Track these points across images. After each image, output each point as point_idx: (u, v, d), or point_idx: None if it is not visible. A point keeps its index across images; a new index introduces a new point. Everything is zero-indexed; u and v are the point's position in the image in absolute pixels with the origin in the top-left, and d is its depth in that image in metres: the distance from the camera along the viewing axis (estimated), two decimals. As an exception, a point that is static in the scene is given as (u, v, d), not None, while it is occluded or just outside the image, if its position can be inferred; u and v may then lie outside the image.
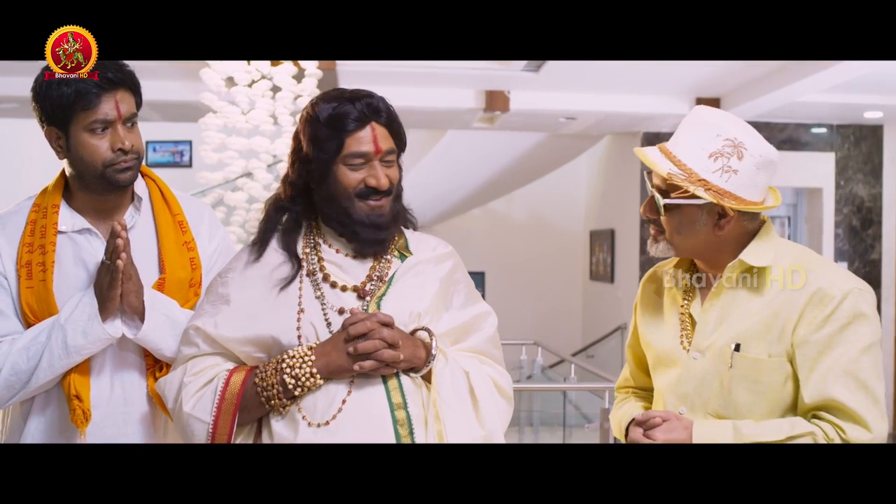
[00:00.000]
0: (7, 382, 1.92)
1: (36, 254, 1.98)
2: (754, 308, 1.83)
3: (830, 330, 1.75)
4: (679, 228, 1.85)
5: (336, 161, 1.79)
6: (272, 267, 1.84)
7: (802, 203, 9.02)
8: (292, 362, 1.73)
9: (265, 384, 1.74)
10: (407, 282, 1.86)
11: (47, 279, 1.96)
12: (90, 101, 1.91)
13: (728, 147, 1.79)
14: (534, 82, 7.09)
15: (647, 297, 2.08)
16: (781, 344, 1.79)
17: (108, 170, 1.96)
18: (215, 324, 1.80)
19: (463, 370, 1.82)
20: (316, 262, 1.85)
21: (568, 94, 7.51)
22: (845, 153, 8.59)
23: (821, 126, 8.52)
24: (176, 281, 2.04)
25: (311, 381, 1.72)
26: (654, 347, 2.00)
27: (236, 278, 1.86)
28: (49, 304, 1.95)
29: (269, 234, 1.88)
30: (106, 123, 1.94)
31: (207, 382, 1.78)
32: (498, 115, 7.71)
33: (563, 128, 8.64)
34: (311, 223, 1.90)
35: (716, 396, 1.85)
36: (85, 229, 2.03)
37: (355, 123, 1.78)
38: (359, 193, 1.80)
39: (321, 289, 1.82)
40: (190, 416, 1.77)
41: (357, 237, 1.83)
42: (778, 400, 1.80)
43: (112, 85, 1.93)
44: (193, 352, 1.83)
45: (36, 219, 2.02)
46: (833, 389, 1.73)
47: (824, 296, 1.77)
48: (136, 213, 2.09)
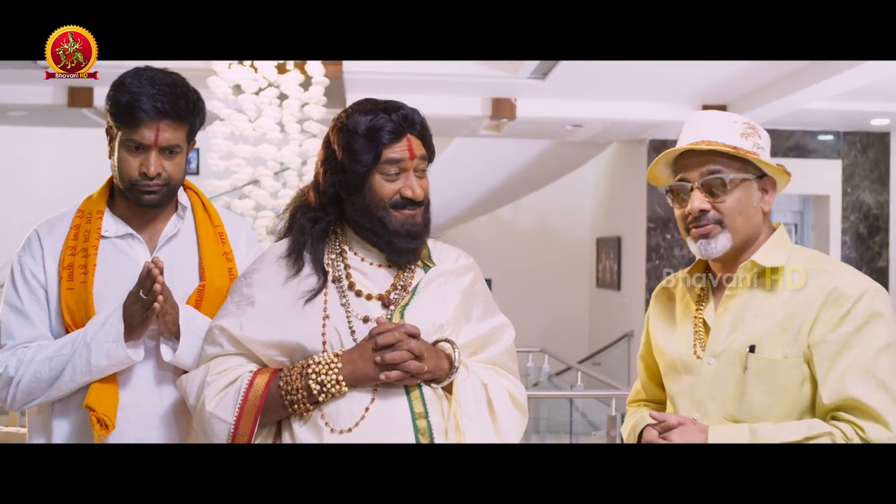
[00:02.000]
0: (27, 388, 1.95)
1: (78, 257, 2.01)
2: (769, 309, 1.83)
3: (847, 329, 1.74)
4: (741, 208, 1.86)
5: (372, 172, 1.81)
6: (301, 277, 1.85)
7: (809, 210, 9.01)
8: (318, 368, 1.74)
9: (290, 388, 1.74)
10: (430, 293, 1.87)
11: (88, 282, 1.99)
12: (134, 121, 1.94)
13: (748, 128, 1.87)
14: (540, 90, 7.09)
15: (660, 307, 2.08)
16: (798, 345, 1.78)
17: (132, 188, 2.00)
18: (240, 325, 1.81)
19: (482, 382, 1.84)
20: (342, 270, 1.86)
21: (574, 101, 7.52)
22: (852, 160, 8.59)
23: (827, 133, 8.52)
24: (214, 289, 2.06)
25: (336, 388, 1.73)
26: (668, 353, 1.99)
27: (261, 280, 1.87)
28: (87, 307, 1.98)
29: (303, 245, 1.88)
30: (140, 145, 1.97)
31: (231, 383, 1.79)
32: (504, 122, 7.72)
33: (569, 135, 8.65)
34: (337, 230, 1.91)
35: (731, 400, 1.84)
36: (128, 234, 2.06)
37: (391, 135, 1.80)
38: (394, 204, 1.82)
39: (346, 296, 1.83)
40: (212, 416, 1.77)
41: (392, 247, 1.84)
42: (794, 402, 1.79)
43: (159, 114, 1.95)
44: (217, 351, 1.84)
45: (80, 223, 2.06)
46: (852, 388, 1.72)
47: (840, 295, 1.76)
48: (180, 222, 2.13)
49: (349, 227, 1.90)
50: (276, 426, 1.81)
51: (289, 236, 1.93)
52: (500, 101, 7.47)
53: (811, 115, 7.60)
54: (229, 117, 5.82)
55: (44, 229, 2.08)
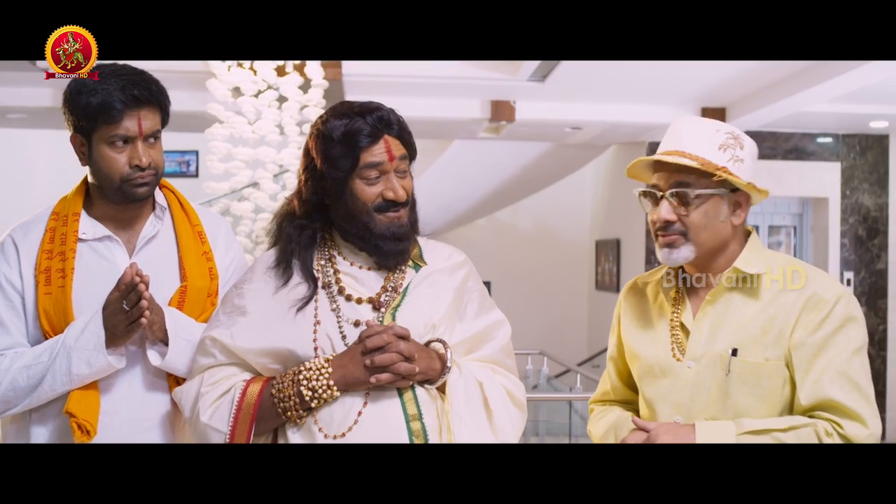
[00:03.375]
0: (4, 398, 1.92)
1: (55, 260, 1.98)
2: (750, 313, 1.86)
3: (825, 333, 1.80)
4: (706, 223, 1.87)
5: (352, 177, 1.81)
6: (291, 286, 1.85)
7: (808, 213, 9.01)
8: (309, 374, 1.74)
9: (282, 395, 1.74)
10: (421, 292, 1.87)
11: (66, 286, 1.96)
12: (113, 115, 1.92)
13: (730, 139, 1.86)
14: (539, 92, 7.09)
15: (632, 310, 2.08)
16: (779, 347, 1.82)
17: (125, 184, 1.98)
18: (232, 335, 1.81)
19: (477, 381, 1.83)
20: (332, 275, 1.86)
21: (573, 104, 7.51)
22: (851, 163, 8.58)
23: (826, 136, 8.52)
24: (196, 290, 2.05)
25: (327, 394, 1.73)
26: (644, 358, 1.99)
27: (253, 290, 1.87)
28: (66, 311, 1.95)
29: (291, 255, 1.88)
30: (126, 138, 1.95)
31: (224, 393, 1.79)
32: (504, 124, 7.72)
33: (568, 138, 8.65)
34: (325, 236, 1.91)
35: (714, 402, 1.85)
36: (106, 237, 2.04)
37: (368, 139, 1.79)
38: (377, 207, 1.82)
39: (336, 301, 1.83)
40: (207, 427, 1.77)
41: (379, 250, 1.84)
42: (777, 402, 1.83)
43: (137, 102, 1.94)
44: (210, 362, 1.84)
45: (55, 226, 2.03)
46: (829, 390, 1.77)
47: (819, 300, 1.82)
48: (159, 223, 2.10)
49: (337, 234, 1.89)
50: (272, 434, 1.80)
51: (277, 245, 1.92)
52: (499, 104, 7.46)
53: (810, 117, 7.59)
54: (229, 120, 5.82)
55: (18, 233, 2.04)
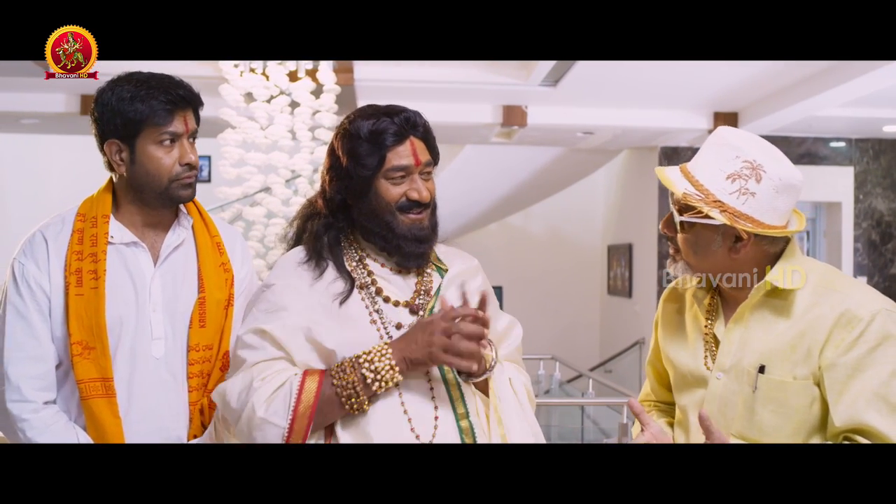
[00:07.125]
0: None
1: (87, 262, 1.98)
2: (779, 329, 1.81)
3: (859, 353, 1.72)
4: (694, 249, 1.85)
5: (377, 176, 1.82)
6: (327, 281, 1.85)
7: (821, 217, 8.98)
8: (370, 357, 1.74)
9: (344, 382, 1.73)
10: (451, 294, 1.88)
11: (100, 287, 1.96)
12: (164, 115, 1.95)
13: (746, 169, 1.76)
14: (551, 97, 7.09)
15: (669, 316, 2.07)
16: (808, 366, 1.76)
17: (172, 184, 1.99)
18: (282, 327, 1.80)
19: (509, 378, 1.87)
20: (366, 277, 1.87)
21: (585, 108, 7.51)
22: (864, 167, 8.55)
23: (839, 140, 8.49)
24: (214, 301, 2.06)
25: (390, 374, 1.73)
26: (678, 366, 1.98)
27: (288, 286, 1.85)
28: (99, 313, 1.95)
29: (322, 249, 1.89)
30: (175, 137, 1.97)
31: (279, 386, 1.75)
32: (515, 129, 7.72)
33: (580, 142, 8.64)
34: (350, 237, 1.92)
35: (739, 418, 1.83)
36: (133, 242, 2.04)
37: (395, 138, 1.81)
38: (401, 207, 1.83)
39: (377, 303, 1.85)
40: (265, 421, 1.74)
41: (400, 251, 1.85)
42: (804, 421, 1.78)
43: (183, 102, 1.97)
44: (260, 356, 1.80)
45: (83, 227, 2.02)
46: (864, 414, 1.70)
47: (852, 317, 1.73)
48: (184, 231, 2.11)
49: (360, 234, 1.91)
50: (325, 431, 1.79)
51: (301, 244, 1.93)
52: (510, 109, 7.47)
53: (823, 121, 7.57)
54: (241, 125, 5.85)
55: (50, 232, 2.03)
